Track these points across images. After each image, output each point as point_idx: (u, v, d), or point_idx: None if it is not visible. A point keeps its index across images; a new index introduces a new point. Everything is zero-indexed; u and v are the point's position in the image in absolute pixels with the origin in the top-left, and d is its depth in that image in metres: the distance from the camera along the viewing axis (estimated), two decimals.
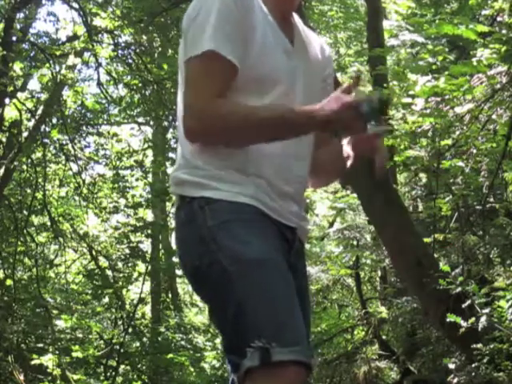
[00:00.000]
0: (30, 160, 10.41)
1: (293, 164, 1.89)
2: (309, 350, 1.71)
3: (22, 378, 8.77)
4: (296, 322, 1.72)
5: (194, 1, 1.87)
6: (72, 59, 10.10)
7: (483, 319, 4.83)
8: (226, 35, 1.77)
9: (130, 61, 10.45)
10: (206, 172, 1.83)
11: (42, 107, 10.37)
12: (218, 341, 11.95)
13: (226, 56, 1.77)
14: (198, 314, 15.77)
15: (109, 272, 12.16)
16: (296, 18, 2.01)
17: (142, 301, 12.16)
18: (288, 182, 1.89)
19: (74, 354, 10.40)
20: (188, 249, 1.85)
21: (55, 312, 11.01)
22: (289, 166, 1.88)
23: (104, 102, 11.84)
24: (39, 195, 10.52)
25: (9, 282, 9.89)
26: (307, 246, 9.91)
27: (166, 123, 12.18)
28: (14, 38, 9.31)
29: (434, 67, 5.19)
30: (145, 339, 12.01)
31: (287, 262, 1.82)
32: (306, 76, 1.94)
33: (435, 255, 6.22)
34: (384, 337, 8.91)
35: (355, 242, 8.63)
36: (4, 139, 10.49)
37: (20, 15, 9.55)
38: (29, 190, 10.67)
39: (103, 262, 12.52)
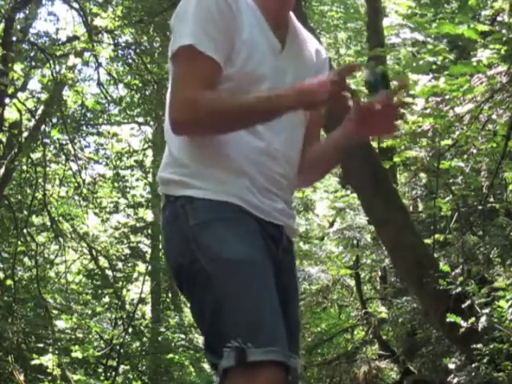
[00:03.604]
0: (30, 160, 10.41)
1: (278, 161, 1.89)
2: (287, 350, 1.70)
3: (22, 378, 8.77)
4: (273, 322, 1.71)
5: (181, 0, 1.89)
6: (72, 59, 10.10)
7: (483, 319, 4.83)
8: (206, 33, 1.79)
9: (130, 61, 10.45)
10: (189, 170, 1.84)
11: (42, 107, 10.38)
12: None
13: (206, 52, 1.78)
14: None
15: (109, 272, 12.16)
16: (293, 19, 2.00)
17: (141, 301, 12.17)
18: (273, 179, 1.89)
19: (74, 354, 10.41)
20: (172, 247, 1.86)
21: (55, 312, 11.01)
22: (274, 163, 1.88)
23: (104, 101, 11.85)
24: (39, 195, 10.51)
25: (9, 282, 9.89)
26: (307, 246, 9.91)
27: None
28: (14, 38, 9.31)
29: (434, 67, 5.19)
30: (145, 339, 12.02)
31: (273, 261, 1.82)
32: (295, 78, 1.93)
33: (435, 255, 6.21)
34: (384, 337, 8.91)
35: (355, 242, 8.62)
36: (4, 139, 10.49)
37: (20, 15, 9.56)
38: (29, 190, 10.67)
39: (103, 262, 12.52)
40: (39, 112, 10.39)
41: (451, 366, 5.28)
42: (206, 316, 1.74)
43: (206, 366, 12.59)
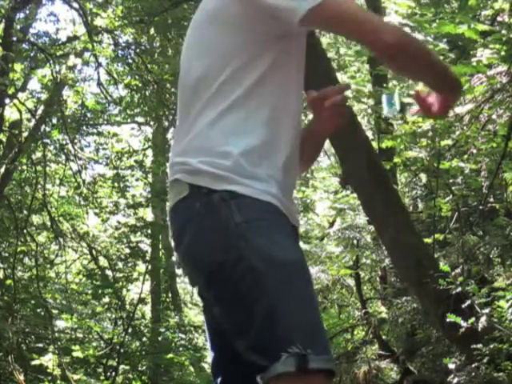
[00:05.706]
0: (30, 160, 10.42)
1: (296, 163, 1.88)
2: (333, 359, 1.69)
3: (21, 378, 8.77)
4: (323, 327, 1.71)
5: None
6: (72, 59, 10.11)
7: (483, 319, 4.83)
8: None
9: (130, 61, 10.46)
10: (231, 163, 1.74)
11: (42, 107, 10.39)
12: None
13: None
14: (198, 314, 15.77)
15: (109, 272, 12.16)
16: None
17: (141, 301, 12.16)
18: (295, 178, 1.89)
19: (74, 354, 10.41)
20: (207, 243, 1.73)
21: (55, 312, 11.01)
22: (294, 165, 1.87)
23: (104, 101, 11.86)
24: (39, 195, 10.52)
25: (9, 281, 9.90)
26: (307, 246, 9.91)
27: (166, 123, 12.20)
28: (14, 38, 9.32)
29: None
30: (145, 339, 12.01)
31: None
32: None
33: (435, 255, 6.21)
34: (384, 337, 8.90)
35: (355, 242, 8.62)
36: (4, 139, 10.50)
37: (20, 15, 9.56)
38: (29, 190, 10.67)
39: (103, 262, 12.52)
40: (39, 112, 10.39)
41: (451, 366, 5.27)
42: (256, 316, 1.65)
43: (206, 366, 12.59)
